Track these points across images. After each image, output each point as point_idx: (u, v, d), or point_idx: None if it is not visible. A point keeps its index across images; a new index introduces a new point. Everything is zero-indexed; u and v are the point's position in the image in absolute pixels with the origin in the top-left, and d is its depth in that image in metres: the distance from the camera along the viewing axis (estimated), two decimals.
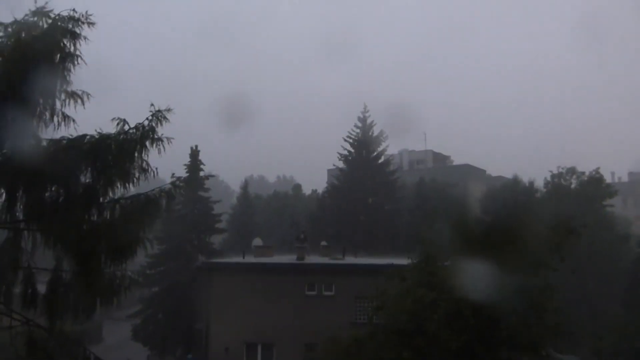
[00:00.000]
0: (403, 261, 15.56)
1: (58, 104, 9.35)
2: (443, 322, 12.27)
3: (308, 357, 22.74)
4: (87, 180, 9.47)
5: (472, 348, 12.46)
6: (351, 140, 45.98)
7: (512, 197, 46.23)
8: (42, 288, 9.61)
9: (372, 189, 43.34)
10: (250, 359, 26.00)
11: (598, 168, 40.88)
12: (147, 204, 9.61)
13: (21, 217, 9.34)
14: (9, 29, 9.05)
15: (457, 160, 68.28)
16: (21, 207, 9.26)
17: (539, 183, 46.99)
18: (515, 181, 49.56)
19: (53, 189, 9.32)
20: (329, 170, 55.56)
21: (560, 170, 41.46)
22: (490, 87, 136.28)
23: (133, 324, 34.67)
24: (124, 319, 35.75)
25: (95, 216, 9.53)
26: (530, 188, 48.37)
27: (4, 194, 9.14)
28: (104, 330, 39.06)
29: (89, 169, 9.43)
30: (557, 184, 41.31)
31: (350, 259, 29.07)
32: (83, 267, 9.27)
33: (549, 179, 42.34)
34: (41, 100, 9.21)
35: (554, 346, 13.27)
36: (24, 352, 9.27)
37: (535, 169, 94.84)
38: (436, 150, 68.66)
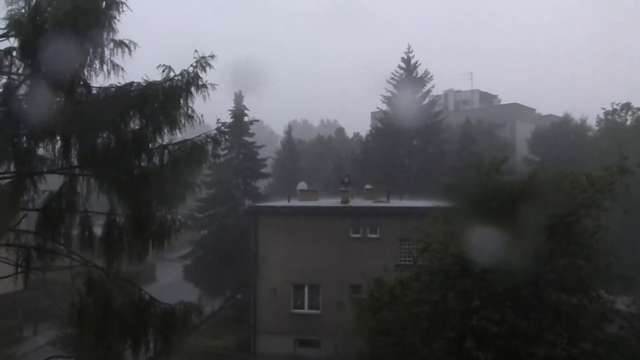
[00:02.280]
0: (447, 203, 15.38)
1: (107, 52, 9.45)
2: (488, 265, 12.17)
3: (353, 298, 23.28)
4: (136, 127, 9.66)
5: (519, 290, 12.38)
6: (395, 82, 44.93)
7: (563, 136, 44.60)
8: (98, 231, 10.06)
9: (417, 131, 42.60)
10: (297, 299, 26.85)
11: None
12: (193, 150, 9.77)
13: (76, 163, 9.66)
14: None
15: (505, 99, 65.85)
16: (75, 153, 9.57)
17: (592, 121, 45.06)
18: (566, 119, 47.60)
19: (104, 135, 9.56)
20: (372, 113, 54.76)
21: (615, 106, 39.47)
22: (539, 23, 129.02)
23: (184, 264, 36.26)
24: (175, 260, 37.42)
25: (145, 162, 9.77)
26: (582, 126, 46.47)
27: (59, 141, 9.44)
28: (157, 271, 41.06)
29: (137, 115, 9.60)
30: (611, 121, 39.43)
31: (394, 202, 29.04)
32: (135, 211, 9.61)
33: (602, 116, 40.42)
34: (91, 50, 9.31)
35: (605, 287, 13.01)
36: (84, 291, 9.83)
37: (588, 106, 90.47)
38: (483, 90, 66.27)
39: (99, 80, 9.48)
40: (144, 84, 9.50)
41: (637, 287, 15.24)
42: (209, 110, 10.52)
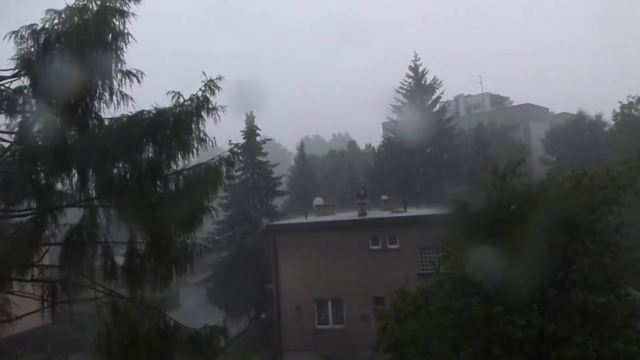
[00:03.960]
0: (464, 210, 15.26)
1: (115, 83, 9.60)
2: (509, 268, 12.02)
3: (377, 310, 23.10)
4: (150, 155, 9.79)
5: (544, 291, 12.21)
6: (404, 91, 44.99)
7: (578, 133, 44.12)
8: (119, 260, 10.16)
9: (429, 138, 42.51)
10: (321, 314, 26.75)
11: None
12: (208, 173, 9.84)
13: (94, 194, 9.81)
14: (63, 15, 9.29)
15: (517, 100, 65.43)
16: (92, 185, 9.71)
17: (607, 116, 44.53)
18: (581, 117, 47.10)
19: (119, 165, 9.70)
20: (383, 124, 54.80)
21: (631, 99, 38.94)
22: (543, 19, 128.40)
23: (207, 288, 36.38)
24: (197, 284, 37.55)
25: (161, 188, 9.88)
26: (598, 122, 45.93)
27: (76, 175, 9.60)
28: (181, 296, 41.23)
29: (150, 143, 9.73)
30: (627, 115, 38.89)
31: (412, 211, 28.91)
32: (155, 237, 9.70)
33: (617, 110, 39.90)
34: (100, 82, 9.50)
35: (633, 284, 12.78)
36: (110, 321, 9.91)
37: (603, 102, 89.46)
38: (493, 92, 65.97)
39: (109, 111, 9.65)
40: (154, 112, 9.62)
41: None
42: (221, 132, 10.64)
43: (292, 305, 26.70)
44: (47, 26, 9.09)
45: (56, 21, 9.20)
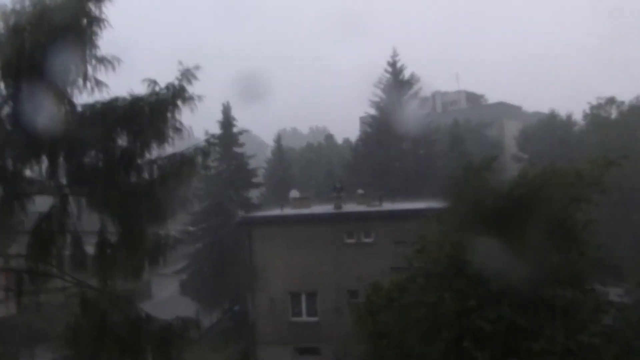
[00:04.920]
0: (440, 204, 15.43)
1: (89, 69, 9.42)
2: (483, 264, 12.21)
3: (351, 303, 23.24)
4: (124, 143, 9.63)
5: (514, 287, 12.42)
6: (382, 86, 45.21)
7: (550, 132, 45.03)
8: (90, 250, 9.98)
9: (406, 134, 42.83)
10: (295, 307, 26.78)
11: (639, 96, 39.20)
12: (183, 163, 9.74)
13: (64, 182, 9.60)
14: None
15: (492, 98, 66.41)
16: (63, 173, 9.51)
17: (578, 116, 45.58)
18: (552, 116, 48.09)
19: (92, 153, 9.51)
20: (361, 118, 54.97)
21: (600, 101, 39.93)
22: (522, 19, 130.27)
23: (180, 279, 36.08)
24: (170, 275, 37.18)
25: (135, 178, 9.73)
26: (568, 122, 46.96)
27: (46, 161, 9.39)
28: (153, 287, 40.75)
29: (125, 131, 9.57)
30: (597, 116, 39.91)
31: (387, 205, 29.10)
32: (127, 228, 9.56)
33: (587, 111, 40.90)
34: (73, 67, 9.28)
35: (599, 280, 13.09)
36: (78, 312, 9.74)
37: (573, 102, 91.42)
38: (469, 90, 66.81)
39: (83, 97, 9.46)
40: (129, 99, 9.47)
41: (629, 278, 15.36)
42: (198, 122, 10.52)
43: (266, 298, 26.66)
44: (17, 8, 8.84)
45: (27, 3, 8.96)
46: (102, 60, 9.50)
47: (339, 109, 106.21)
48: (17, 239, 9.97)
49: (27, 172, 9.49)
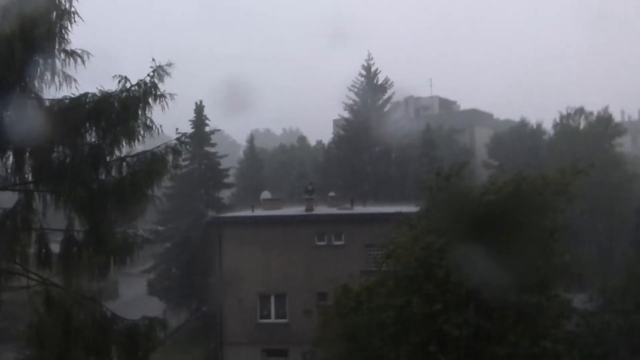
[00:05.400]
0: (412, 208, 15.64)
1: (58, 63, 9.21)
2: (452, 268, 12.40)
3: (320, 305, 23.27)
4: (93, 140, 9.45)
5: (481, 292, 12.64)
6: (356, 89, 45.41)
7: (520, 140, 45.99)
8: (55, 248, 9.76)
9: (378, 138, 43.13)
10: (264, 309, 26.68)
11: (607, 107, 40.39)
12: (153, 161, 9.62)
13: (30, 178, 9.37)
14: None
15: (464, 105, 67.39)
16: (29, 168, 9.29)
17: (547, 125, 46.67)
18: (523, 124, 49.14)
19: (59, 149, 9.31)
20: (334, 121, 55.10)
21: (569, 111, 40.96)
22: (495, 28, 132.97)
23: (148, 279, 35.53)
24: (138, 274, 36.56)
25: (103, 175, 9.57)
26: (538, 130, 48.05)
27: (11, 156, 9.15)
28: (120, 287, 39.99)
29: (94, 128, 9.40)
30: (566, 125, 40.93)
31: (358, 208, 29.27)
32: (94, 226, 9.38)
33: (557, 120, 41.91)
34: (41, 61, 9.07)
35: (563, 286, 13.45)
36: (43, 310, 9.51)
37: (544, 111, 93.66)
38: (442, 96, 67.68)
39: (50, 92, 9.24)
40: (99, 95, 9.30)
41: (593, 285, 15.82)
42: (169, 121, 10.40)
43: (234, 299, 26.47)
44: None
45: None
46: (71, 54, 9.31)
47: (312, 111, 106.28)
48: None
49: None
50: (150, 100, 9.51)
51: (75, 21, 9.27)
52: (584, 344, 12.66)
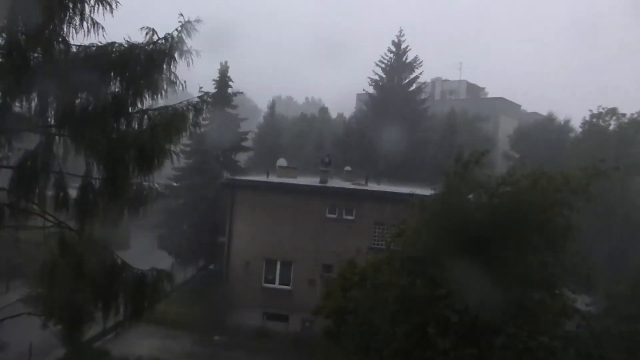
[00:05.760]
0: (425, 192, 15.55)
1: (87, 9, 9.19)
2: (458, 256, 12.40)
3: (325, 276, 23.55)
4: (116, 90, 9.50)
5: (484, 282, 12.64)
6: (383, 65, 44.78)
7: (544, 135, 45.20)
8: (73, 193, 9.94)
9: (401, 117, 42.70)
10: (269, 274, 27.05)
11: None
12: (174, 116, 9.66)
13: (53, 122, 9.49)
14: None
15: (492, 93, 66.24)
16: (52, 112, 9.39)
17: (576, 122, 45.60)
18: (550, 119, 48.17)
19: (83, 96, 9.38)
20: (358, 95, 54.65)
21: (601, 110, 39.74)
22: (533, 20, 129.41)
23: (159, 233, 36.08)
24: (150, 227, 37.15)
25: (124, 126, 9.64)
26: (565, 127, 47.08)
27: (35, 98, 9.24)
28: (131, 237, 40.73)
29: (118, 78, 9.43)
30: (595, 125, 39.82)
31: (372, 185, 29.24)
32: (112, 175, 9.51)
33: (587, 118, 40.79)
34: (71, 4, 9.06)
35: (569, 286, 13.38)
36: (56, 252, 9.76)
37: (573, 109, 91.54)
38: (471, 81, 66.53)
39: (78, 38, 9.25)
40: (125, 45, 9.30)
41: (598, 289, 15.72)
42: (192, 78, 10.39)
43: (241, 261, 26.88)
44: None
45: None
46: (100, 0, 9.27)
47: (337, 83, 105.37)
48: (1, 173, 9.88)
49: (16, 108, 9.34)
50: (176, 55, 9.50)
51: None
52: (582, 345, 12.66)
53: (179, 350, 24.16)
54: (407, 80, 44.61)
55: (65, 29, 9.13)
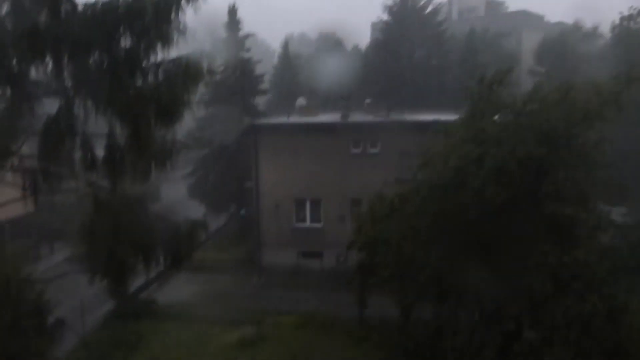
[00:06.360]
0: (450, 117, 15.29)
1: None
2: (488, 178, 12.30)
3: (354, 211, 23.80)
4: (128, 45, 9.39)
5: (517, 202, 12.60)
6: None
7: (571, 45, 43.31)
8: (100, 153, 10.08)
9: (419, 43, 41.42)
10: (299, 213, 27.47)
11: None
12: (188, 66, 9.55)
13: (70, 84, 9.48)
14: None
15: (513, 6, 63.28)
16: (68, 75, 9.36)
17: (605, 28, 43.23)
18: (576, 27, 45.87)
19: (96, 54, 9.30)
20: (373, 24, 52.97)
21: (632, 11, 37.05)
22: None
23: (188, 183, 36.75)
24: (179, 179, 37.84)
25: (140, 81, 9.59)
26: (593, 35, 44.86)
27: (50, 62, 9.20)
28: (162, 190, 41.61)
29: (128, 32, 9.30)
30: (626, 28, 37.39)
31: (395, 116, 28.84)
32: (134, 131, 9.57)
33: (617, 22, 38.27)
34: None
35: (603, 198, 13.24)
36: (92, 211, 10.04)
37: (602, 14, 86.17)
38: None
39: None
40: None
41: (634, 199, 15.49)
42: (202, 25, 10.17)
43: (271, 204, 27.29)
44: None
45: None
46: None
47: (350, 15, 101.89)
48: (29, 140, 10.05)
49: (33, 74, 9.35)
50: (182, 3, 9.27)
51: None
52: (618, 256, 12.67)
53: (220, 293, 25.14)
54: (422, 3, 42.92)
55: None
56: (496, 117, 13.70)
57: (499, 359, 11.98)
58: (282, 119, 29.69)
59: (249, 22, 36.22)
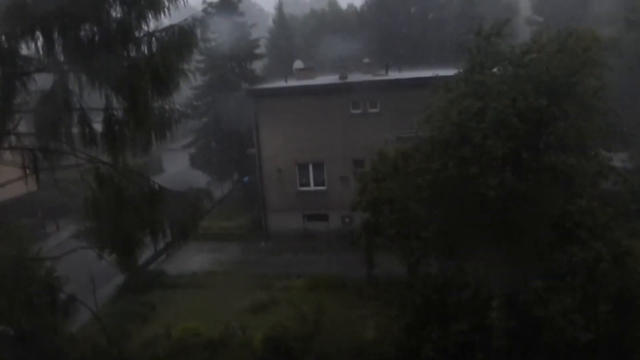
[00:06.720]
0: (450, 72, 15.08)
1: None
2: (489, 131, 12.25)
3: (357, 172, 23.86)
4: (119, 15, 9.23)
5: (519, 154, 12.57)
6: None
7: None
8: (98, 127, 10.04)
9: None
10: (303, 177, 27.56)
11: None
12: (181, 35, 9.41)
13: (62, 59, 9.36)
14: None
15: None
16: (60, 49, 9.23)
17: None
18: None
19: (87, 27, 9.15)
20: None
21: None
22: None
23: (190, 153, 36.77)
24: (180, 149, 37.87)
25: (134, 52, 9.47)
26: None
27: (40, 37, 9.07)
28: (164, 162, 41.72)
29: (118, 2, 9.13)
30: None
31: (394, 74, 28.54)
32: (132, 103, 9.50)
33: None
34: None
35: (604, 146, 13.18)
36: (95, 186, 10.07)
37: None
38: None
39: None
40: None
41: (635, 144, 15.44)
42: None
43: (274, 169, 27.35)
44: None
45: None
46: None
47: None
48: (26, 118, 10.00)
49: (24, 51, 9.22)
50: None
51: None
52: (620, 201, 12.72)
53: (228, 261, 25.52)
54: None
55: None
56: (495, 69, 13.52)
57: (505, 308, 12.18)
58: (281, 83, 29.43)
59: None
